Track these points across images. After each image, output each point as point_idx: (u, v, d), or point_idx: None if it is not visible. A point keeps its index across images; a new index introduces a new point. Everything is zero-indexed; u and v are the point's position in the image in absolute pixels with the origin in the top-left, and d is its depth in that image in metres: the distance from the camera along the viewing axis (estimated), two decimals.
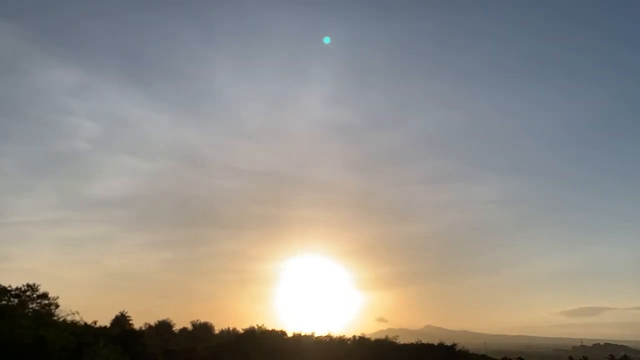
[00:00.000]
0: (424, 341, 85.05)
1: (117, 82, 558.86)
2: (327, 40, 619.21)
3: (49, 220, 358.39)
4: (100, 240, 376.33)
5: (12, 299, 54.78)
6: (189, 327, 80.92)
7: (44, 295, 55.98)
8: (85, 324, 59.21)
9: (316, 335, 79.60)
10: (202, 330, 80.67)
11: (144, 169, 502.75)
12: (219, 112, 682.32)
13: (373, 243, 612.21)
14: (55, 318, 55.55)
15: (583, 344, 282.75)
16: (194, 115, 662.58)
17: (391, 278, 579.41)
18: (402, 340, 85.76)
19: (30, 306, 55.58)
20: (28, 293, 55.40)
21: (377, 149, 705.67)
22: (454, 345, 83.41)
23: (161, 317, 79.51)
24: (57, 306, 56.39)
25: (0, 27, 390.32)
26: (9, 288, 55.07)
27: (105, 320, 68.76)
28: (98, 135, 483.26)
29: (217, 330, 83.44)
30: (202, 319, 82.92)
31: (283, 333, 78.48)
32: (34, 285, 56.02)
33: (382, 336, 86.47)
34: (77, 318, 57.96)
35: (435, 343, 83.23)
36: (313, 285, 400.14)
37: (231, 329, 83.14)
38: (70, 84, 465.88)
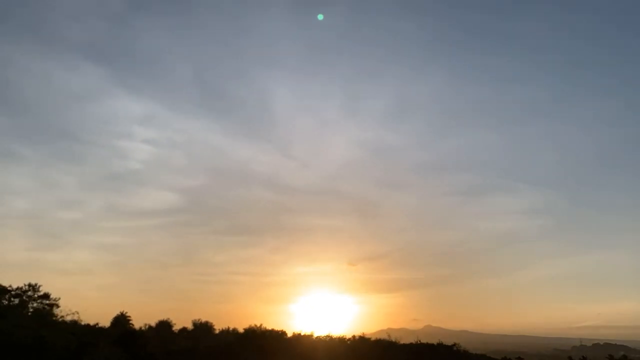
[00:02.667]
0: (424, 341, 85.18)
1: (180, 110, 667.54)
2: (320, 17, 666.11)
3: (92, 229, 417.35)
4: (135, 247, 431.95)
5: (12, 299, 54.87)
6: (190, 326, 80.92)
7: (45, 296, 56.03)
8: (85, 324, 59.34)
9: (316, 335, 79.78)
10: (203, 330, 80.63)
11: (188, 185, 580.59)
12: (270, 135, 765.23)
13: (397, 251, 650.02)
14: (56, 318, 55.63)
15: (583, 343, 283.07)
16: (245, 139, 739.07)
17: (405, 282, 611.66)
18: (402, 340, 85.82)
19: (31, 306, 55.64)
20: (29, 293, 55.47)
21: (412, 165, 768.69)
22: (454, 345, 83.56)
23: (162, 317, 79.54)
24: (57, 306, 56.49)
25: (86, 67, 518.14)
26: (9, 288, 55.15)
27: (106, 321, 68.85)
28: (151, 157, 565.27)
29: (217, 330, 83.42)
30: (217, 319, 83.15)
31: (283, 333, 78.56)
32: (34, 285, 56.11)
33: (383, 336, 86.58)
34: (77, 318, 58.08)
35: (435, 343, 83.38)
36: (330, 288, 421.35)
37: (231, 328, 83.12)
38: (137, 113, 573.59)
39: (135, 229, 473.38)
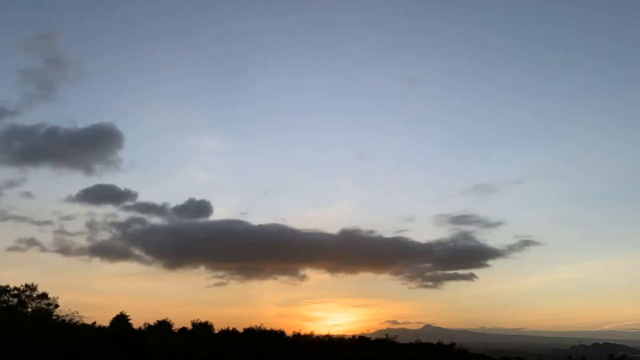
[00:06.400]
0: (424, 341, 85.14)
1: (240, 144, 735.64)
2: None
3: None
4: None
5: (11, 298, 54.85)
6: (189, 326, 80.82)
7: (44, 295, 55.99)
8: (85, 324, 59.32)
9: (315, 335, 79.75)
10: (202, 330, 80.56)
11: (227, 200, 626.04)
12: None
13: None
14: (55, 318, 55.60)
15: (582, 343, 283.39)
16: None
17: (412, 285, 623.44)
18: (402, 340, 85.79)
19: (30, 306, 55.61)
20: (27, 293, 55.42)
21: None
22: (453, 344, 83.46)
23: (161, 318, 79.39)
24: (56, 306, 56.46)
25: (177, 107, 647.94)
26: (8, 288, 55.12)
27: (105, 321, 68.81)
28: (201, 183, 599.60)
29: (216, 330, 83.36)
30: (230, 321, 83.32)
31: (282, 333, 78.54)
32: (32, 285, 56.07)
33: (382, 336, 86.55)
34: (76, 318, 58.06)
35: (435, 343, 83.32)
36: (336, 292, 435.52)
37: (231, 328, 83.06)
38: (209, 146, 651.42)
39: None
